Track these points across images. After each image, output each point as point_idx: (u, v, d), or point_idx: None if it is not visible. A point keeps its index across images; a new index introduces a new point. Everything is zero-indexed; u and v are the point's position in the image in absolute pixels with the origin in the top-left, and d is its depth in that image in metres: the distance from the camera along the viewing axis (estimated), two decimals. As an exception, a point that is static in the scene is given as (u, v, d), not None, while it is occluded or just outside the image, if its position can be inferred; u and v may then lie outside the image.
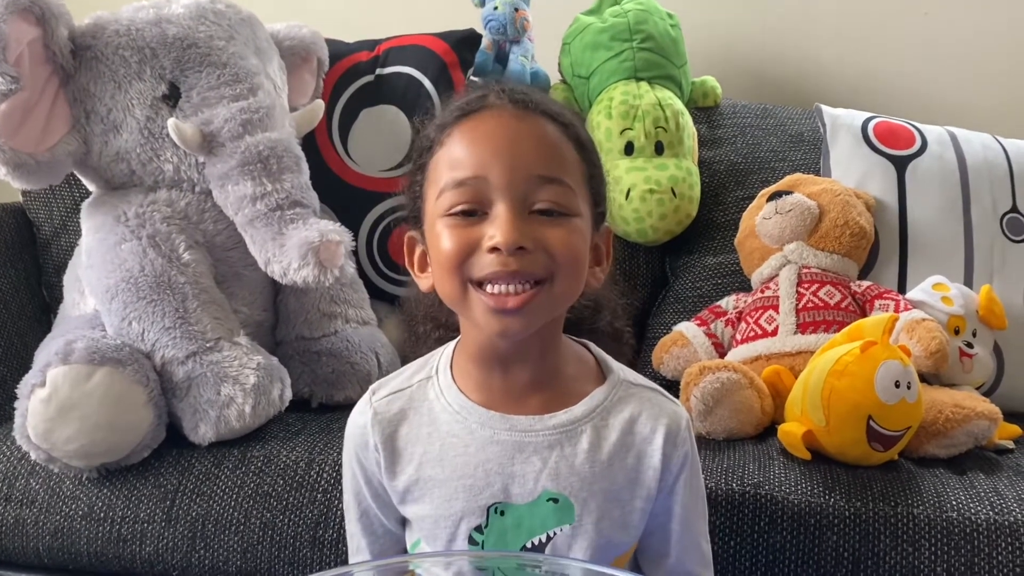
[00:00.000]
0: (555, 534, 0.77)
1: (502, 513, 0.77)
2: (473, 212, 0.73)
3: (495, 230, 0.71)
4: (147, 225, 1.20)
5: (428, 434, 0.79)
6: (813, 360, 1.12)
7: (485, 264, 0.72)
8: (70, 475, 1.11)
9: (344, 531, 0.89)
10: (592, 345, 0.85)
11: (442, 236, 0.73)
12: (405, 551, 0.84)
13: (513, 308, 0.71)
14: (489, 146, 0.73)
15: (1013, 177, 1.44)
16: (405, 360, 1.04)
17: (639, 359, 1.36)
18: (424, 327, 0.89)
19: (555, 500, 0.77)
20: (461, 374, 0.80)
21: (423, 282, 0.80)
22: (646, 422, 0.79)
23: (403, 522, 0.84)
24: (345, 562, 0.99)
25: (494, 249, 0.71)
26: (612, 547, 0.79)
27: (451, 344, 0.83)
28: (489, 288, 0.72)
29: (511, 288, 0.71)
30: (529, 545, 0.77)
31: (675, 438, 0.79)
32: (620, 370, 0.83)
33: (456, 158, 0.74)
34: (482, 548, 0.77)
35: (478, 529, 0.78)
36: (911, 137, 1.48)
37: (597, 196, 0.79)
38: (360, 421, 0.82)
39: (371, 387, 0.83)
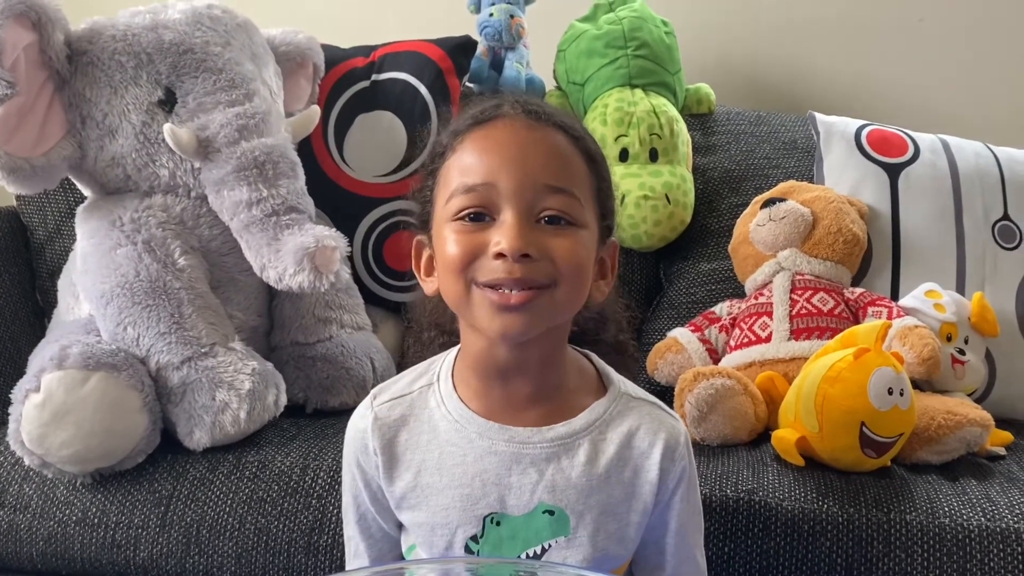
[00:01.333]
0: (550, 546, 0.77)
1: (498, 523, 0.78)
2: (481, 217, 0.73)
3: (501, 236, 0.72)
4: (142, 230, 1.20)
5: (427, 441, 0.80)
6: (807, 366, 1.13)
7: (490, 269, 0.72)
8: (64, 481, 1.11)
9: (339, 537, 0.90)
10: (594, 356, 0.85)
11: (449, 240, 0.74)
12: (402, 556, 0.85)
13: (516, 304, 0.72)
14: (500, 154, 0.74)
15: (1005, 185, 1.45)
16: (401, 366, 1.04)
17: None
18: (429, 333, 0.90)
19: (551, 512, 0.77)
20: (462, 383, 0.81)
21: (428, 286, 0.81)
22: (644, 436, 0.79)
23: (401, 526, 0.84)
24: (340, 568, 1.00)
25: (499, 255, 0.72)
26: (608, 560, 0.79)
27: (454, 350, 0.83)
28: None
29: (514, 292, 0.72)
30: (524, 556, 0.77)
31: (673, 453, 0.79)
32: (621, 383, 0.83)
33: (467, 164, 0.75)
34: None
35: (474, 539, 0.78)
36: (904, 145, 1.49)
37: (604, 210, 0.79)
38: (360, 425, 0.82)
39: (372, 391, 0.84)
